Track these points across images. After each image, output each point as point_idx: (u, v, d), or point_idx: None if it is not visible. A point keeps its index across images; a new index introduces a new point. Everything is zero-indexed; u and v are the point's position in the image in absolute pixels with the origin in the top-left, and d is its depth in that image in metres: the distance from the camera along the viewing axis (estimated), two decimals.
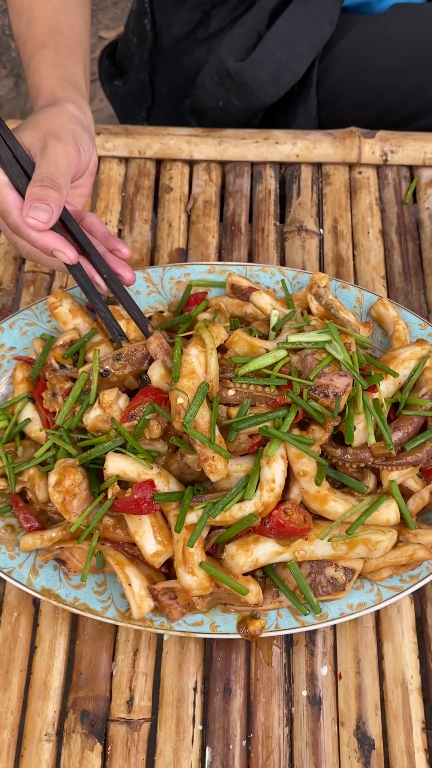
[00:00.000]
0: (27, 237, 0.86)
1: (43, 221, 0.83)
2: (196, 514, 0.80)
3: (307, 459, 0.81)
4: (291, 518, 0.80)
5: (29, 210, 0.83)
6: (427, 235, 1.19)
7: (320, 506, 0.83)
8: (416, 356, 0.93)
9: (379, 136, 1.25)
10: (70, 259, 0.87)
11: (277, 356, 0.85)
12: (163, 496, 0.82)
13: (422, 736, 0.85)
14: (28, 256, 0.94)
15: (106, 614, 0.85)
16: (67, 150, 0.89)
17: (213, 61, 1.35)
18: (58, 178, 0.86)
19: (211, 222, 1.21)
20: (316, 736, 0.85)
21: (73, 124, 0.93)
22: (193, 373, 0.82)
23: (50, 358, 0.96)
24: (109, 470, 0.83)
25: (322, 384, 0.83)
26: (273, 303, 0.97)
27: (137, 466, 0.83)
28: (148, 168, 1.26)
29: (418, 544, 0.86)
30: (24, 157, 0.89)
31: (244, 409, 0.82)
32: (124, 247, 0.95)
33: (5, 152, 0.88)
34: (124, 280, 0.94)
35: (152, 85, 1.56)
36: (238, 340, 0.87)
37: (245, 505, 0.81)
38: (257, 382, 0.83)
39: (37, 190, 0.84)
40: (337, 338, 0.86)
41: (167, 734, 0.85)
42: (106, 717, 0.86)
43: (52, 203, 0.84)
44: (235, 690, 0.87)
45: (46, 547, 0.88)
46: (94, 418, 0.84)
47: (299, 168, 1.25)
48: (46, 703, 0.87)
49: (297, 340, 0.86)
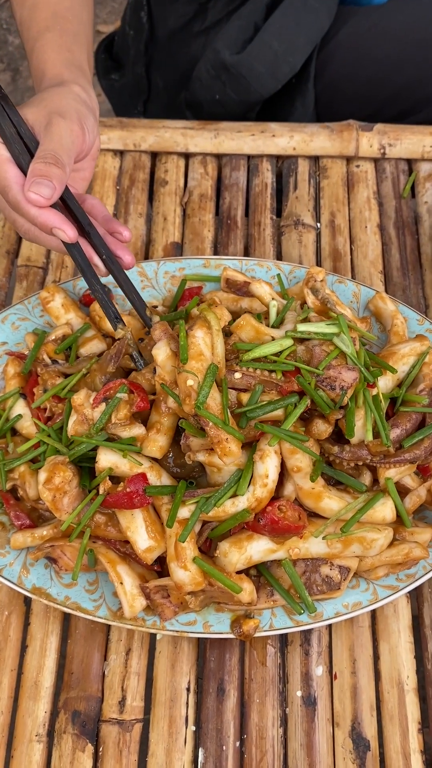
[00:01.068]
0: (26, 214, 0.85)
1: (45, 197, 0.82)
2: (188, 509, 0.79)
3: (300, 455, 0.80)
4: (285, 515, 0.79)
5: (31, 185, 0.82)
6: (426, 229, 1.18)
7: (315, 503, 0.82)
8: (415, 352, 0.91)
9: (377, 129, 1.23)
10: (69, 237, 0.85)
11: (284, 344, 0.84)
12: (156, 488, 0.80)
13: (418, 737, 0.84)
14: (26, 236, 0.91)
15: (98, 613, 0.84)
16: (72, 128, 0.88)
17: (209, 53, 1.34)
18: (61, 155, 0.84)
19: (206, 216, 1.19)
20: (311, 737, 0.84)
21: (78, 104, 0.91)
22: (201, 354, 0.80)
23: (42, 353, 0.94)
24: (101, 464, 0.81)
25: (330, 376, 0.82)
26: (272, 293, 0.96)
27: (129, 460, 0.81)
28: (143, 161, 1.24)
29: (414, 542, 0.84)
30: (28, 135, 0.88)
31: (255, 396, 0.81)
32: (125, 230, 0.93)
33: (9, 128, 0.86)
34: (123, 263, 0.92)
35: (148, 79, 1.55)
36: (245, 325, 0.85)
37: (238, 501, 0.80)
38: (265, 366, 0.82)
39: (40, 166, 0.82)
40: (346, 331, 0.85)
41: (160, 735, 0.84)
42: (97, 717, 0.85)
43: (54, 180, 0.82)
44: (229, 690, 0.86)
45: (36, 545, 0.86)
46: (71, 424, 0.83)
47: (296, 161, 1.24)
48: (37, 703, 0.86)
49: (306, 330, 0.85)
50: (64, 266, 1.14)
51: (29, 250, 1.15)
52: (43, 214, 0.84)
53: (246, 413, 0.80)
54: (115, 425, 0.82)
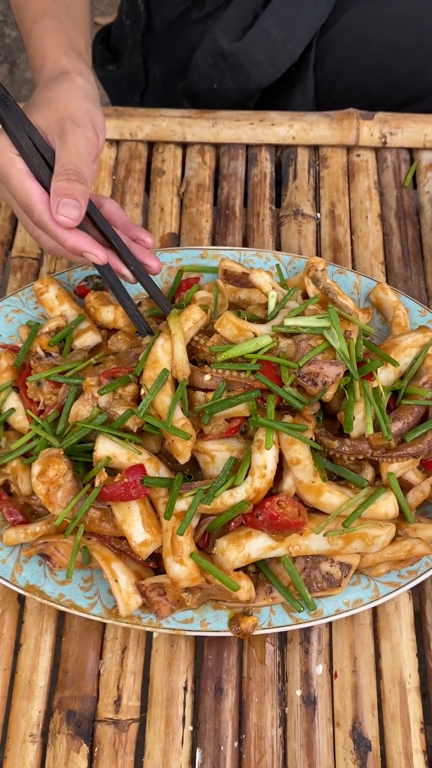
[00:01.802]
0: (54, 234, 0.83)
1: (73, 218, 0.80)
2: (186, 501, 0.77)
3: (299, 446, 0.78)
4: (284, 511, 0.77)
5: (58, 207, 0.80)
6: (427, 219, 1.15)
7: (315, 498, 0.80)
8: (418, 344, 0.89)
9: (378, 118, 1.21)
10: (101, 260, 0.84)
11: (260, 343, 0.82)
12: (154, 479, 0.79)
13: (420, 737, 0.82)
14: (52, 252, 0.90)
15: (93, 611, 0.82)
16: (87, 135, 0.86)
17: (207, 42, 1.32)
18: (82, 169, 0.83)
19: (204, 206, 1.17)
20: (311, 737, 0.82)
21: (86, 102, 0.89)
22: (156, 362, 0.81)
23: (35, 345, 0.92)
24: (99, 452, 0.80)
25: (311, 371, 0.80)
26: (272, 282, 0.94)
27: (127, 450, 0.79)
28: (139, 150, 1.22)
29: (417, 538, 0.82)
30: (42, 144, 0.85)
31: (218, 394, 0.81)
32: (147, 237, 0.92)
33: (25, 141, 0.84)
34: (151, 270, 0.92)
35: (146, 69, 1.53)
36: (226, 323, 0.84)
37: (236, 492, 0.78)
38: (233, 367, 0.81)
39: (64, 185, 0.81)
40: (336, 325, 0.83)
41: (156, 735, 0.82)
42: (92, 717, 0.83)
43: (80, 198, 0.81)
44: (227, 689, 0.84)
45: (30, 542, 0.84)
46: (75, 405, 0.82)
47: (296, 150, 1.21)
48: (31, 702, 0.84)
49: (293, 324, 0.83)
50: (59, 258, 1.12)
51: (23, 241, 1.13)
52: (72, 237, 0.82)
53: (206, 410, 0.80)
54: (118, 401, 0.81)
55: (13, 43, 2.71)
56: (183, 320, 0.83)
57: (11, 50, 2.68)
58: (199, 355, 0.86)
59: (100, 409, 0.82)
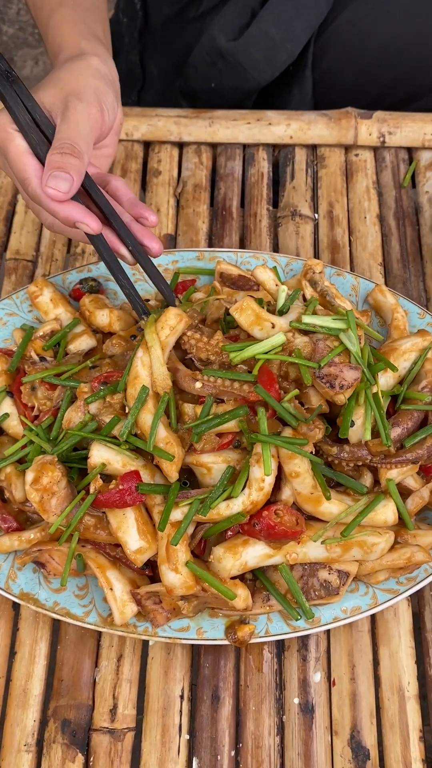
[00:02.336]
0: (47, 207, 0.81)
1: (63, 191, 0.78)
2: (181, 512, 0.76)
3: (299, 460, 0.77)
4: (282, 520, 0.76)
5: (48, 179, 0.78)
6: (426, 219, 1.14)
7: (314, 507, 0.78)
8: (417, 348, 0.88)
9: (376, 117, 1.20)
10: (92, 229, 0.81)
11: (274, 342, 0.80)
12: (149, 486, 0.78)
13: (420, 746, 0.81)
14: (51, 228, 0.88)
15: (88, 619, 0.81)
16: (90, 111, 0.84)
17: (205, 40, 1.31)
18: (79, 143, 0.81)
19: (201, 207, 1.16)
20: (309, 745, 0.81)
21: (96, 80, 0.87)
22: (136, 377, 0.79)
23: (30, 350, 0.91)
24: (93, 460, 0.78)
25: (331, 373, 0.78)
26: (275, 279, 0.93)
27: (122, 457, 0.78)
28: (135, 150, 1.21)
29: (416, 545, 0.81)
30: (44, 121, 0.84)
31: (205, 410, 0.79)
32: (150, 214, 0.88)
33: (24, 116, 0.82)
34: (150, 251, 0.88)
35: (143, 67, 1.51)
36: (246, 308, 0.82)
37: (233, 503, 0.77)
38: (226, 375, 0.79)
39: (57, 158, 0.79)
40: (353, 328, 0.82)
41: (152, 744, 0.81)
42: (88, 726, 0.82)
43: (72, 171, 0.79)
44: (224, 697, 0.83)
45: (24, 549, 0.83)
46: (68, 411, 0.80)
47: (293, 150, 1.20)
48: (26, 711, 0.83)
49: (312, 323, 0.81)
50: (54, 259, 1.11)
51: (18, 243, 1.12)
52: (64, 208, 0.80)
53: (194, 429, 0.78)
54: (107, 409, 0.80)
55: (10, 41, 2.69)
56: (159, 328, 0.81)
57: (8, 47, 2.67)
58: (197, 354, 0.83)
59: (91, 416, 0.80)
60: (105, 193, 0.88)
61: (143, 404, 0.78)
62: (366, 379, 0.81)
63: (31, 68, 2.64)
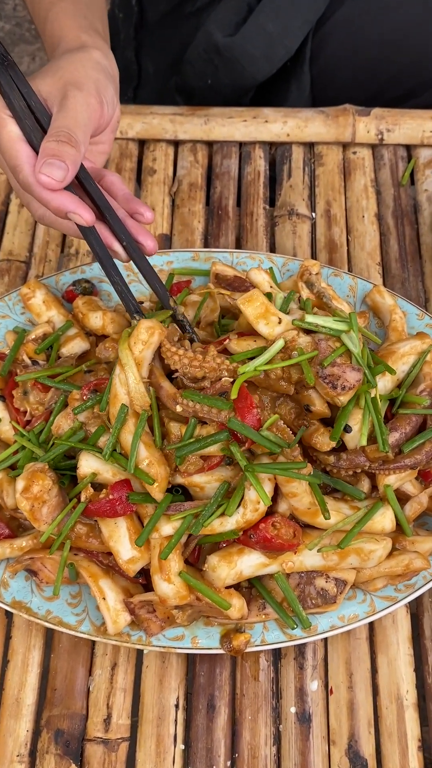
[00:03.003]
0: (39, 196, 0.79)
1: (57, 179, 0.76)
2: (172, 526, 0.75)
3: (297, 483, 0.75)
4: (279, 533, 0.74)
5: (42, 166, 0.76)
6: (426, 218, 1.12)
7: (311, 519, 0.77)
8: (416, 351, 0.86)
9: (374, 114, 1.18)
10: (85, 221, 0.78)
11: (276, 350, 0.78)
12: (140, 496, 0.76)
13: (418, 755, 0.80)
14: (42, 220, 0.86)
15: (81, 628, 0.80)
16: (89, 101, 0.81)
17: (201, 36, 1.29)
18: (76, 132, 0.78)
19: (196, 206, 1.14)
20: (306, 756, 0.80)
21: (97, 73, 0.85)
22: (116, 396, 0.77)
23: (22, 353, 0.90)
24: (82, 470, 0.77)
25: (334, 373, 0.77)
26: (270, 281, 0.91)
27: (112, 467, 0.77)
28: (130, 149, 1.19)
29: (415, 552, 0.80)
30: (40, 108, 0.81)
31: (189, 430, 0.77)
32: (146, 211, 0.86)
33: (19, 101, 0.80)
34: (145, 249, 0.86)
35: (139, 64, 1.50)
36: (256, 299, 0.80)
37: (227, 521, 0.75)
38: (203, 401, 0.76)
39: (52, 146, 0.77)
40: (356, 330, 0.80)
41: (147, 755, 0.80)
42: (82, 736, 0.81)
43: (67, 160, 0.76)
44: (220, 707, 0.82)
45: (16, 557, 0.82)
46: (58, 418, 0.79)
47: (290, 148, 1.18)
48: (19, 721, 0.82)
49: (314, 322, 0.80)
50: (48, 260, 1.09)
51: (11, 243, 1.11)
52: (56, 197, 0.77)
53: (176, 452, 0.76)
54: (96, 419, 0.78)
55: (7, 37, 2.67)
56: (132, 344, 0.78)
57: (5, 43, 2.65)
58: (181, 370, 0.79)
59: (81, 423, 0.79)
60: (100, 187, 0.86)
61: (123, 424, 0.76)
62: (367, 380, 0.79)
63: (28, 64, 2.62)
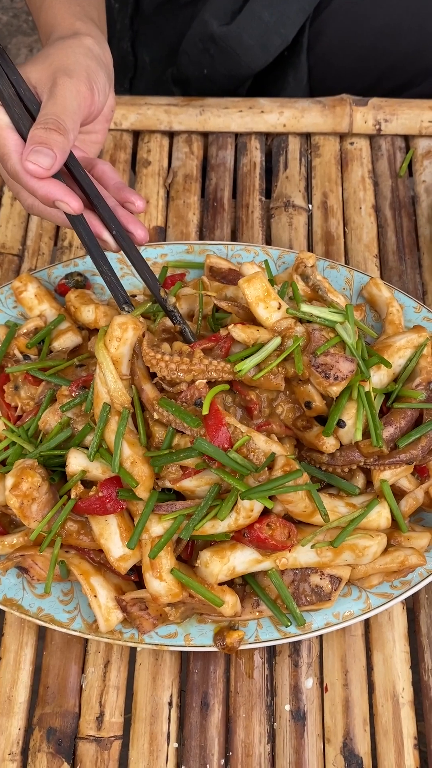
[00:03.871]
0: (26, 185, 0.77)
1: (44, 167, 0.75)
2: (162, 526, 0.74)
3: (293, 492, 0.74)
4: (273, 534, 0.73)
5: (29, 154, 0.75)
6: (423, 210, 1.11)
7: (307, 519, 0.76)
8: (413, 344, 0.85)
9: (372, 104, 1.16)
10: (73, 209, 0.77)
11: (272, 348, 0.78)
12: (129, 493, 0.75)
13: (414, 753, 0.79)
14: (31, 210, 0.84)
15: (73, 626, 0.79)
16: (78, 88, 0.80)
17: (197, 26, 1.27)
18: (64, 120, 0.77)
19: (191, 198, 1.12)
20: (300, 754, 0.79)
21: (88, 59, 0.84)
22: (98, 396, 0.76)
23: (13, 347, 0.89)
24: (71, 468, 0.76)
25: (326, 363, 0.76)
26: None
27: (101, 463, 0.76)
28: (124, 140, 1.18)
29: (410, 548, 0.79)
30: (28, 96, 0.80)
31: (167, 439, 0.76)
32: (138, 199, 0.84)
33: (7, 88, 0.79)
34: (135, 238, 0.84)
35: (134, 54, 1.48)
36: (256, 281, 0.79)
37: (218, 524, 0.74)
38: (175, 413, 0.75)
39: (40, 133, 0.75)
40: (351, 321, 0.80)
41: (140, 753, 0.79)
42: (74, 734, 0.80)
43: (55, 148, 0.75)
44: (213, 704, 0.81)
45: (6, 554, 0.81)
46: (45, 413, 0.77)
47: (286, 139, 1.17)
48: (11, 719, 0.81)
49: (309, 312, 0.80)
50: (41, 253, 1.08)
51: (4, 236, 1.09)
52: (44, 185, 0.76)
53: (153, 460, 0.75)
54: (83, 417, 0.77)
55: (4, 28, 2.65)
56: (107, 341, 0.76)
57: (2, 35, 2.63)
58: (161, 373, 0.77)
59: (68, 419, 0.78)
60: (90, 176, 0.84)
61: (106, 423, 0.75)
62: (361, 371, 0.78)
63: (26, 56, 2.60)
